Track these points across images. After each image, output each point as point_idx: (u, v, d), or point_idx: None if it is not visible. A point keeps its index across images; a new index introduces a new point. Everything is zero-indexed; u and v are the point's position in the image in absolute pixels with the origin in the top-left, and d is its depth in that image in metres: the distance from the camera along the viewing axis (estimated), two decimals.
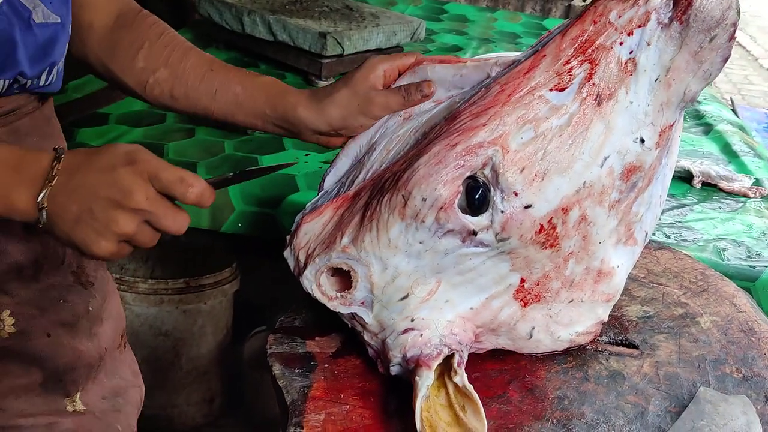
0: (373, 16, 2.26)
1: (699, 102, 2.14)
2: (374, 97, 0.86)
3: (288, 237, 0.85)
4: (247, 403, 2.01)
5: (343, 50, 2.04)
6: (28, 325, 0.83)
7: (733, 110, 2.45)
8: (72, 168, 0.66)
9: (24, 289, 0.83)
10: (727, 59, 0.78)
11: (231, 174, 0.78)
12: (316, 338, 0.90)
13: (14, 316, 0.81)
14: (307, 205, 0.87)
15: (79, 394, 0.88)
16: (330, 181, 0.91)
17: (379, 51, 2.18)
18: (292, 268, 0.84)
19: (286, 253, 0.84)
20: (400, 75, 0.89)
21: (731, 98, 3.61)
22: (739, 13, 0.75)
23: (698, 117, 2.03)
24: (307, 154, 1.60)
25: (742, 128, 1.99)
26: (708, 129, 1.94)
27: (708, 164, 1.62)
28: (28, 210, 0.66)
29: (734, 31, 0.76)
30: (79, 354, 0.88)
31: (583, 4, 3.32)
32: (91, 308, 0.90)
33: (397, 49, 2.28)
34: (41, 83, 0.80)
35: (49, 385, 0.85)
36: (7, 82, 0.76)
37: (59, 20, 0.80)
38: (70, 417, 0.88)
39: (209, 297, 1.89)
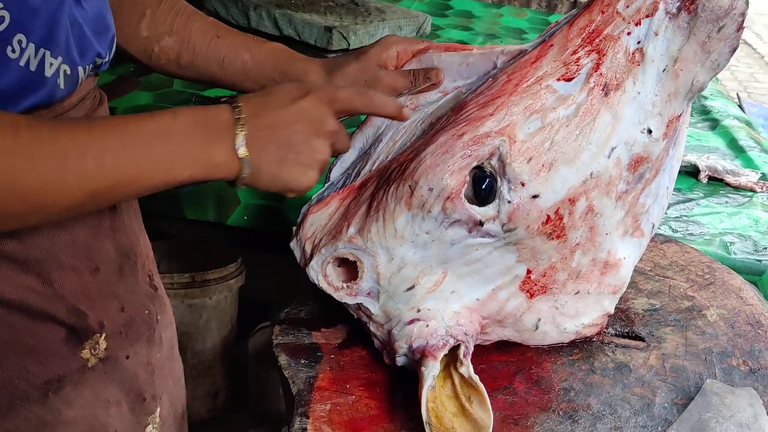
0: (379, 11, 2.26)
1: (705, 97, 2.13)
2: (383, 77, 0.85)
3: (294, 228, 0.85)
4: (251, 397, 2.01)
5: (349, 45, 2.03)
6: (117, 349, 0.76)
7: (740, 106, 2.44)
8: (253, 112, 0.66)
9: (125, 291, 0.77)
10: (735, 49, 0.77)
11: None
12: (322, 329, 0.90)
13: (107, 340, 0.74)
14: (313, 197, 0.87)
15: (158, 409, 0.82)
16: (336, 173, 0.91)
17: None
18: (298, 259, 0.84)
19: (293, 244, 0.84)
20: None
21: (737, 94, 3.60)
22: (747, 2, 0.74)
23: (705, 112, 2.03)
24: None
25: (748, 124, 1.98)
26: (714, 124, 1.93)
27: (714, 159, 1.61)
28: (230, 163, 0.65)
29: (742, 21, 0.75)
30: (155, 368, 0.83)
31: None
32: (159, 317, 0.85)
33: None
34: (107, 59, 0.75)
35: (136, 406, 0.79)
36: (89, 67, 0.70)
37: None
38: None
39: (214, 292, 1.89)
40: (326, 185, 0.90)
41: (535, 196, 0.75)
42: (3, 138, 0.56)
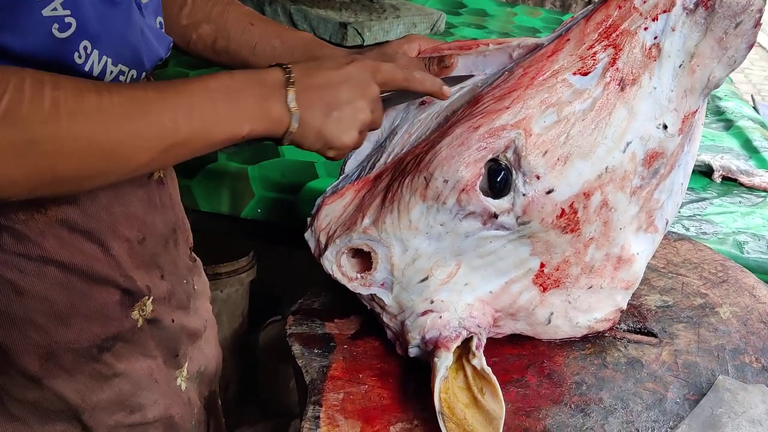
0: (394, 8, 2.26)
1: (720, 98, 2.12)
2: (399, 59, 0.88)
3: (309, 219, 0.85)
4: (261, 391, 2.02)
5: (363, 41, 2.04)
6: (161, 312, 0.84)
7: (754, 107, 2.42)
8: (303, 73, 0.72)
9: (168, 264, 0.85)
10: (752, 46, 0.77)
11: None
12: (335, 320, 0.90)
13: (154, 303, 0.82)
14: (327, 189, 0.88)
15: (186, 364, 0.92)
16: (351, 166, 0.92)
17: None
18: (312, 250, 0.84)
19: (307, 235, 0.85)
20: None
21: (752, 96, 3.58)
22: None
23: (719, 113, 2.02)
24: None
25: (762, 125, 1.97)
26: (729, 125, 1.92)
27: (729, 159, 1.61)
28: (282, 116, 0.70)
29: (760, 17, 0.75)
30: (188, 331, 0.91)
31: None
32: (196, 287, 0.94)
33: None
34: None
35: (168, 361, 0.88)
36: (144, 74, 0.76)
37: None
38: (178, 403, 0.89)
39: (226, 285, 1.90)
40: (341, 177, 0.90)
41: (550, 190, 0.76)
42: (89, 99, 0.61)
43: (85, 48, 0.65)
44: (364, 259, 0.82)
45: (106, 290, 0.77)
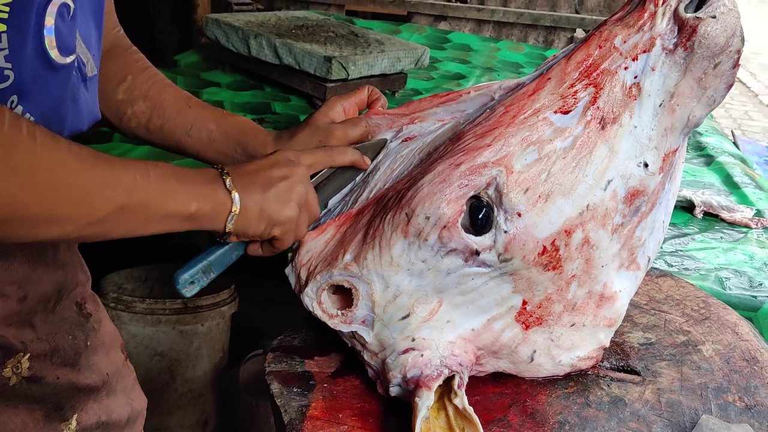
0: (378, 43, 2.28)
1: (701, 134, 2.15)
2: (334, 130, 0.90)
3: (290, 254, 0.84)
4: (240, 427, 1.98)
5: (348, 75, 2.05)
6: (42, 369, 0.80)
7: (735, 143, 2.46)
8: (235, 166, 0.76)
9: (43, 323, 0.81)
10: (731, 86, 0.78)
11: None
12: (315, 358, 0.89)
13: (31, 360, 0.79)
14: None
15: (75, 415, 0.87)
16: (333, 201, 0.91)
17: (383, 76, 2.20)
18: (293, 286, 0.83)
19: (288, 270, 0.84)
20: (360, 112, 0.94)
21: (732, 131, 3.63)
22: (743, 40, 0.75)
23: (700, 148, 2.04)
24: None
25: (743, 160, 1.99)
26: (710, 160, 1.95)
27: (710, 195, 1.62)
28: (224, 198, 0.73)
29: (738, 59, 0.76)
30: (81, 387, 0.87)
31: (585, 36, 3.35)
32: (89, 343, 0.89)
33: (402, 75, 2.30)
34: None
35: (52, 414, 0.83)
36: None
37: (97, 71, 0.80)
38: None
39: (206, 318, 1.88)
40: (323, 212, 0.90)
41: (531, 227, 0.75)
42: (61, 141, 0.61)
43: (11, 102, 0.66)
44: (345, 295, 0.81)
45: None
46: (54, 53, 0.67)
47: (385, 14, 4.00)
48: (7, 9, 0.61)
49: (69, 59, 0.70)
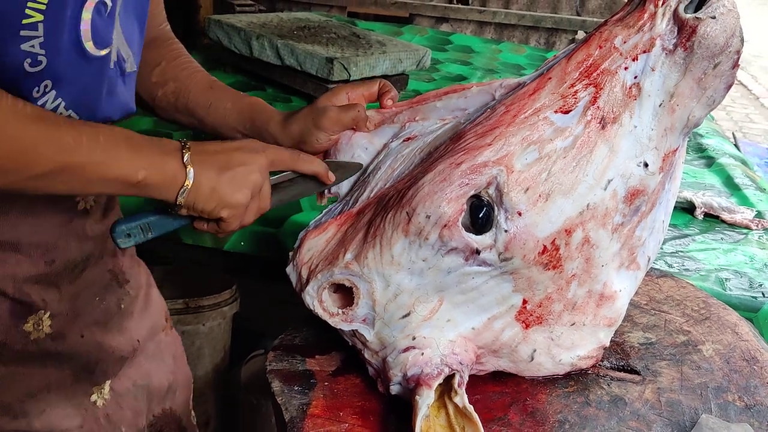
0: (380, 44, 2.28)
1: (701, 136, 2.15)
2: (328, 111, 0.92)
3: (291, 253, 0.85)
4: (242, 427, 1.98)
5: (350, 75, 2.06)
6: (64, 327, 0.85)
7: (735, 145, 2.46)
8: (198, 144, 0.78)
9: (69, 285, 0.86)
10: (730, 86, 0.78)
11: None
12: (316, 356, 0.89)
13: (52, 318, 0.84)
14: (310, 223, 0.88)
15: (109, 381, 0.92)
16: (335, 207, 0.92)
17: (384, 77, 2.20)
18: (294, 284, 0.84)
19: (289, 269, 0.84)
20: (371, 106, 0.96)
21: (733, 134, 3.63)
22: (743, 41, 0.76)
23: (701, 150, 2.04)
24: None
25: (744, 162, 2.00)
26: (710, 162, 1.95)
27: (710, 196, 1.62)
28: (177, 172, 0.75)
29: (738, 59, 0.76)
30: (110, 350, 0.92)
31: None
32: (123, 306, 0.94)
33: (403, 77, 2.30)
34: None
35: (81, 375, 0.89)
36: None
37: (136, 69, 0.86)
38: (80, 417, 0.89)
39: (208, 318, 1.88)
40: (324, 212, 0.90)
41: (531, 226, 0.76)
42: (5, 99, 0.65)
43: (45, 86, 0.71)
44: (345, 294, 0.81)
45: None
46: (89, 45, 0.73)
47: (387, 16, 4.01)
48: (46, 1, 0.67)
49: (103, 52, 0.75)
